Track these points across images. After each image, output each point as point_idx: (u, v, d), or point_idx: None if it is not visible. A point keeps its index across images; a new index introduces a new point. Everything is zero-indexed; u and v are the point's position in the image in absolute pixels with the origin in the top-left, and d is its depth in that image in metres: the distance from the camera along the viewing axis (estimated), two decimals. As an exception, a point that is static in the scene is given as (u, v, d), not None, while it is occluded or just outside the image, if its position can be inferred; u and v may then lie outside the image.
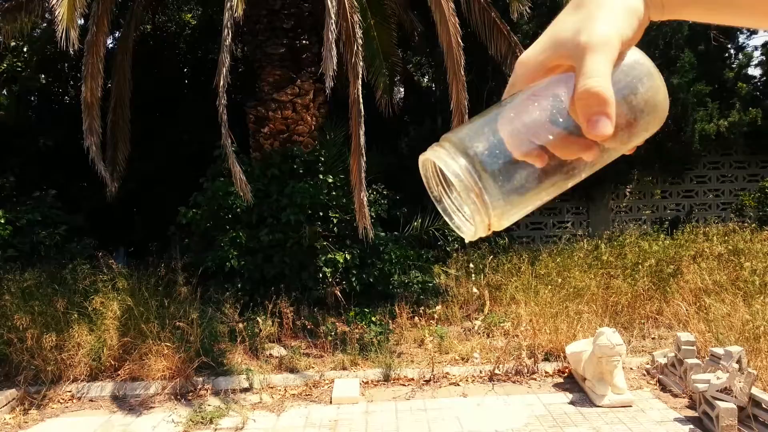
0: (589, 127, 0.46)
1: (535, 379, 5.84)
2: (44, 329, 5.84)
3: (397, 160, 10.04)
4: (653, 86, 0.52)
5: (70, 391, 5.68)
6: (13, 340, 5.71)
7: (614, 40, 0.48)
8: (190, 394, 5.63)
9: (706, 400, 4.65)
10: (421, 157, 0.52)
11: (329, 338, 6.60)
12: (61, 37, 5.90)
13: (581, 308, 6.68)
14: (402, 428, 4.86)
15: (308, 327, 6.89)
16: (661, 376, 5.66)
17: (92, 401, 5.61)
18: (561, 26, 0.51)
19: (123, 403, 5.53)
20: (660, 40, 10.62)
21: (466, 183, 0.48)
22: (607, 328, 5.23)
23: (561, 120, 0.49)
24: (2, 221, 8.15)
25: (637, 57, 0.52)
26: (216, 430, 4.91)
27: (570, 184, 0.53)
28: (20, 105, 11.04)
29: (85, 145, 6.80)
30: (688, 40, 10.94)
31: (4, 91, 11.12)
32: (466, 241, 0.55)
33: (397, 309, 7.19)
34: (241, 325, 6.53)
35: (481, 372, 5.92)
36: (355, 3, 6.77)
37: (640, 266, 7.66)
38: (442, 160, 0.49)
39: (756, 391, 4.44)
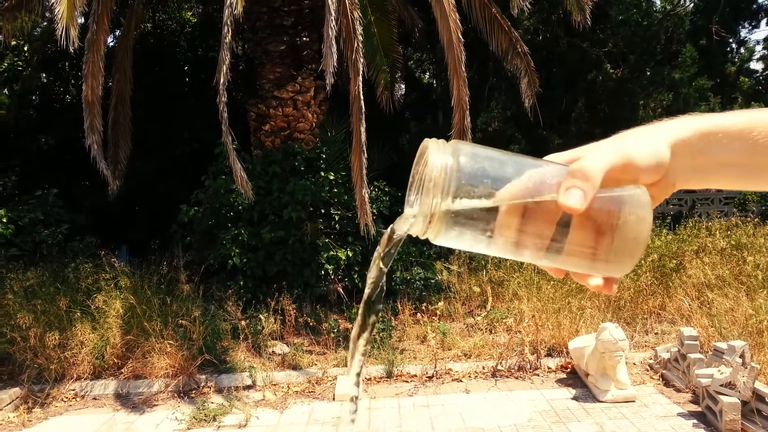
0: (564, 194, 0.49)
1: (537, 375, 5.84)
2: (47, 328, 5.85)
3: (398, 156, 10.03)
4: (640, 218, 0.52)
5: (73, 390, 5.69)
6: (17, 339, 5.72)
7: (623, 151, 0.52)
8: (193, 391, 5.64)
9: (709, 395, 4.64)
10: (425, 141, 0.54)
11: (332, 335, 6.60)
12: (61, 36, 5.88)
13: (584, 304, 6.67)
14: (405, 424, 4.86)
15: (311, 324, 6.89)
16: (664, 371, 5.65)
17: (96, 399, 5.62)
18: (591, 144, 0.57)
19: (126, 401, 5.54)
20: (662, 34, 10.58)
21: (436, 179, 0.50)
22: (610, 323, 5.21)
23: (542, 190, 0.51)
24: (4, 220, 8.16)
25: (640, 191, 0.53)
26: (219, 427, 4.92)
27: (512, 255, 0.54)
28: (21, 104, 11.05)
29: (87, 144, 6.79)
30: (689, 35, 10.89)
31: (5, 91, 11.13)
32: (398, 231, 0.56)
33: (399, 306, 7.19)
34: (243, 322, 6.53)
35: (483, 368, 5.92)
36: (356, -1, 6.75)
37: (642, 261, 7.63)
38: (436, 151, 0.51)
39: (759, 386, 4.43)
